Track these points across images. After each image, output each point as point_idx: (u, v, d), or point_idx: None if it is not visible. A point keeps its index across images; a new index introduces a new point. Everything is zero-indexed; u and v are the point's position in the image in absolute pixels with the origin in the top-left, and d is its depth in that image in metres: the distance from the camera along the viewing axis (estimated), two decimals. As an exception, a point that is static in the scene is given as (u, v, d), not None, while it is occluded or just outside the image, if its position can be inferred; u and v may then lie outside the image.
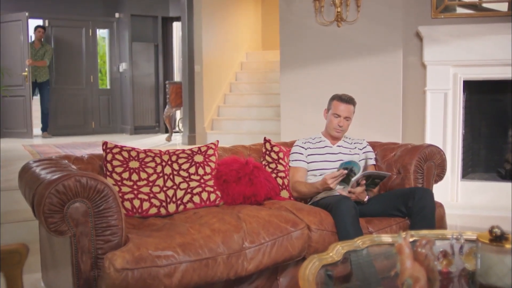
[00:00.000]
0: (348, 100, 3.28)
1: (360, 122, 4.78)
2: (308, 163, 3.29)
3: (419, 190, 2.92)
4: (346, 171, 2.89)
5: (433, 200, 2.89)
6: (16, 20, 9.29)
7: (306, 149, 3.31)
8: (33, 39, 9.42)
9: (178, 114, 9.72)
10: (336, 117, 3.27)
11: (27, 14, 9.17)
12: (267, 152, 3.34)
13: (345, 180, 2.94)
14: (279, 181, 3.23)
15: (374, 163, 3.37)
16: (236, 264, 2.41)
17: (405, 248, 1.43)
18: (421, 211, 2.82)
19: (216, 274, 2.34)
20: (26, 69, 9.11)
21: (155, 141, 8.72)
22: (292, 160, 3.30)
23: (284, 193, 3.21)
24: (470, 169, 5.21)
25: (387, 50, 4.90)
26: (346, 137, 3.43)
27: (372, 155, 3.38)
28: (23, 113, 9.27)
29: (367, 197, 3.01)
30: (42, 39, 9.39)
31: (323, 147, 3.33)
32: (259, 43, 10.00)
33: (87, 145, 7.77)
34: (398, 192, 3.02)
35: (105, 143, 2.87)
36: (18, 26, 9.27)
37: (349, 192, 2.91)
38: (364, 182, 2.91)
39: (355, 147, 3.37)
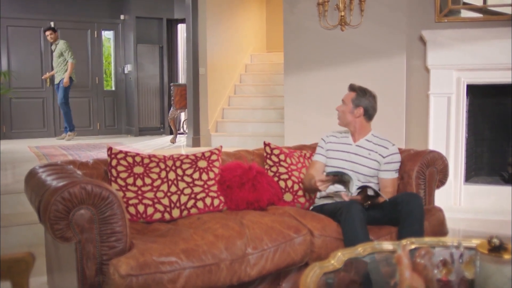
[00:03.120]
0: (349, 86, 3.26)
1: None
2: (327, 158, 3.25)
3: (405, 196, 2.89)
4: (336, 177, 2.89)
5: (421, 205, 2.82)
6: (36, 26, 9.60)
7: (326, 143, 3.28)
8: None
9: (183, 115, 9.76)
10: None
11: (52, 24, 9.52)
12: (268, 156, 3.35)
13: (344, 184, 2.93)
14: (282, 183, 3.24)
15: (396, 175, 3.19)
16: (239, 270, 2.43)
17: (403, 259, 1.45)
18: (408, 217, 2.77)
19: (219, 280, 2.37)
20: (48, 73, 9.40)
21: (160, 143, 8.75)
22: (315, 153, 3.32)
23: (288, 196, 3.21)
24: (473, 173, 5.22)
25: (391, 54, 4.92)
26: (374, 136, 3.25)
27: (395, 166, 3.18)
28: (43, 114, 9.74)
29: (368, 201, 3.00)
30: (55, 39, 8.92)
31: (344, 144, 3.24)
32: (264, 45, 10.02)
33: (92, 147, 7.81)
34: (391, 199, 2.94)
35: (109, 149, 2.90)
36: (37, 31, 9.59)
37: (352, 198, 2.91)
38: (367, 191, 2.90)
39: (377, 152, 3.17)
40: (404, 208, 2.79)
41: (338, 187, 3.02)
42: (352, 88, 3.24)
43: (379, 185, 3.16)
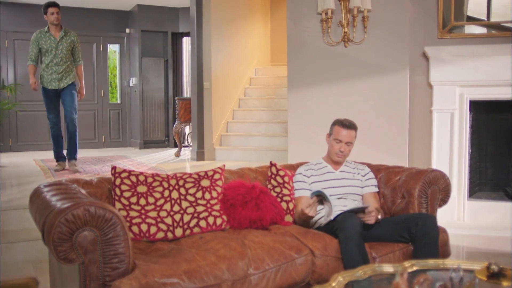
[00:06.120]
0: (349, 125, 3.31)
1: (367, 141, 4.82)
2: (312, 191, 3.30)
3: (422, 217, 2.92)
4: (320, 197, 2.96)
5: (436, 226, 2.88)
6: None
7: (309, 176, 3.33)
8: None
9: (188, 128, 9.80)
10: (338, 142, 3.30)
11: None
12: (273, 176, 3.37)
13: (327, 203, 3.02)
14: (284, 205, 3.25)
15: (376, 190, 3.37)
16: (241, 291, 2.45)
17: (401, 287, 1.47)
18: (424, 238, 2.82)
19: (221, 300, 2.38)
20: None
21: (164, 156, 8.78)
22: (296, 190, 3.32)
23: (288, 218, 3.23)
24: (477, 188, 5.21)
25: (394, 70, 4.94)
26: (348, 162, 3.45)
27: (374, 181, 3.38)
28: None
29: (380, 216, 3.03)
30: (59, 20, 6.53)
31: (326, 173, 3.35)
32: (268, 59, 10.06)
33: (96, 160, 7.85)
34: (401, 218, 3.02)
35: (113, 168, 2.92)
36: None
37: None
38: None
39: (358, 173, 3.39)
40: (420, 230, 2.84)
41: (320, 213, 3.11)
42: (353, 126, 3.33)
43: (363, 202, 3.28)
